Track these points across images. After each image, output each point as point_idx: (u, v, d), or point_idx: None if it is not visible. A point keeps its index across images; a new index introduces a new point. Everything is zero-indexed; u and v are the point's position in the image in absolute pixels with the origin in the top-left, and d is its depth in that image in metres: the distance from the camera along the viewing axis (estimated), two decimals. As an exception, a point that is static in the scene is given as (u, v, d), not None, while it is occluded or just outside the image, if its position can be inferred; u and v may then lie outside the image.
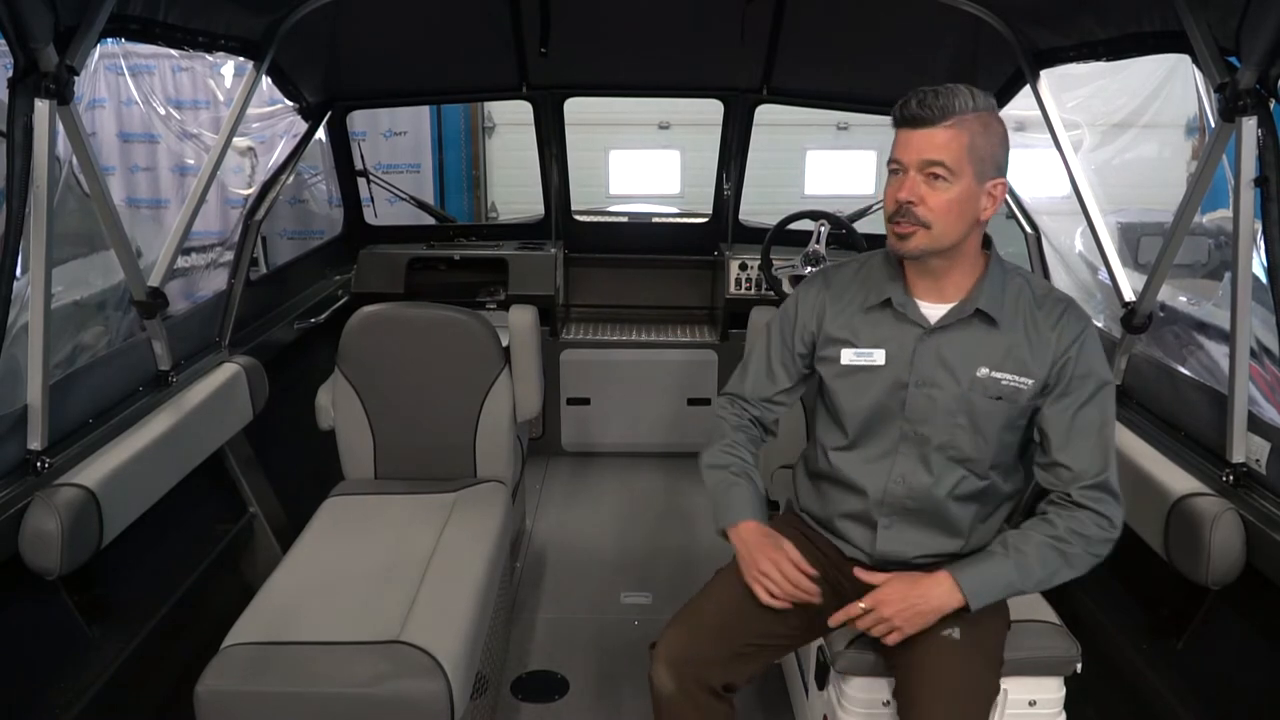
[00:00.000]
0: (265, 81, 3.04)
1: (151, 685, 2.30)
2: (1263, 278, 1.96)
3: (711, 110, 4.23)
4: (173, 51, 4.54)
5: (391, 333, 2.79)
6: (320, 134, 3.88)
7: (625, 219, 4.88)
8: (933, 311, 1.85)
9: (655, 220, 4.87)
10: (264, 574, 2.34)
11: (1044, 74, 2.75)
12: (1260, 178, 1.90)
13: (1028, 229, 3.36)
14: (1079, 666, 1.97)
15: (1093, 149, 3.41)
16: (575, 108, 4.22)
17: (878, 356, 1.87)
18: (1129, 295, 2.52)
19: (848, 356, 1.89)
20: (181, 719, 1.95)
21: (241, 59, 2.80)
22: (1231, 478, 2.08)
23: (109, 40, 2.32)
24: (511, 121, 7.41)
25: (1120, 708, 2.29)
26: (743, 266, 4.16)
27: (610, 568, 3.45)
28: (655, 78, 4.07)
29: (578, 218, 4.52)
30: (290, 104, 3.53)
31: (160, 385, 2.59)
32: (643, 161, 6.30)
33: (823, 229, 3.87)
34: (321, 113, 3.70)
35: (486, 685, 2.41)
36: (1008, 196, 3.31)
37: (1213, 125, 2.05)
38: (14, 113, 1.82)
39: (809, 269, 3.89)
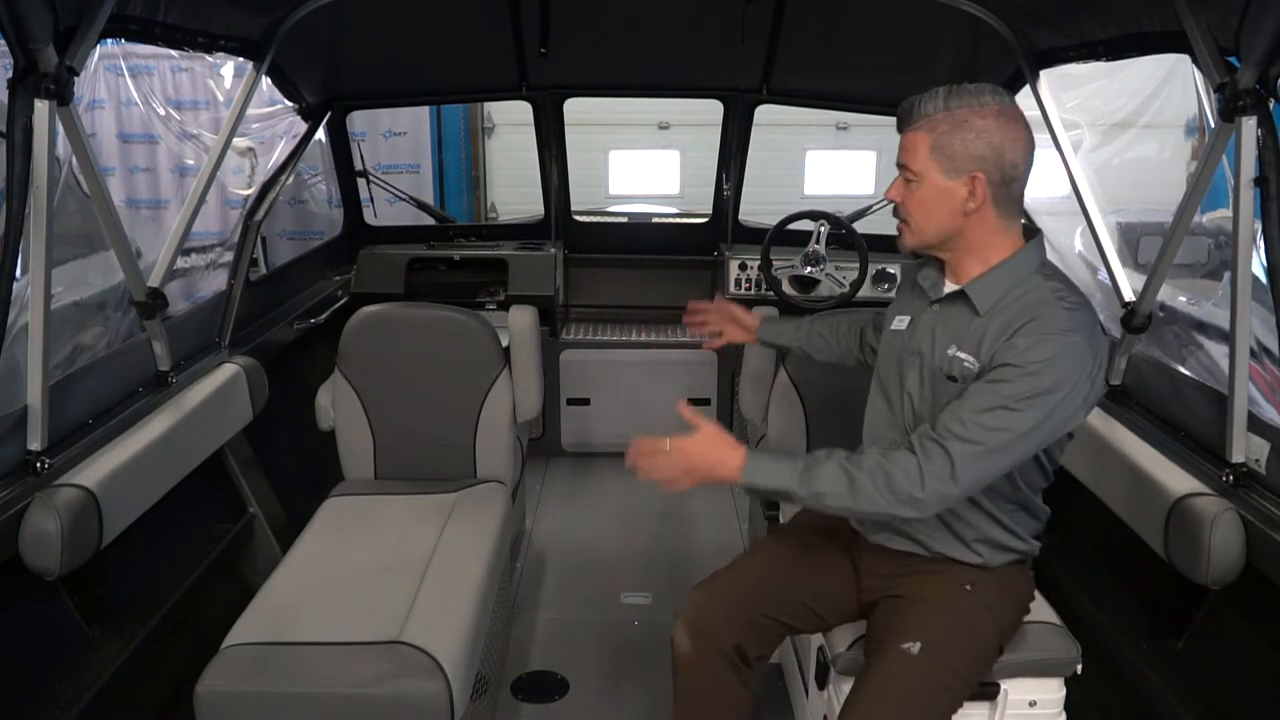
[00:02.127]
0: (265, 82, 3.03)
1: (151, 685, 2.30)
2: (1262, 278, 1.96)
3: (711, 110, 4.22)
4: (172, 52, 4.55)
5: (391, 333, 2.80)
6: (320, 134, 3.88)
7: (625, 219, 4.87)
8: (947, 291, 1.92)
9: (655, 220, 4.86)
10: (264, 574, 2.34)
11: (1044, 74, 2.75)
12: (1260, 178, 1.90)
13: (1027, 229, 3.36)
14: (1079, 667, 1.97)
15: (1093, 149, 3.42)
16: (575, 108, 4.21)
17: (903, 322, 1.99)
18: (1129, 295, 2.52)
19: (893, 323, 2.04)
20: (181, 719, 1.95)
21: (241, 59, 2.80)
22: (1231, 478, 2.08)
23: (109, 41, 2.32)
24: (511, 122, 7.41)
25: (1120, 708, 2.29)
26: (742, 267, 4.16)
27: (610, 568, 3.45)
28: (655, 78, 4.07)
29: (577, 218, 4.52)
30: (290, 104, 3.53)
31: (160, 386, 2.58)
32: (642, 161, 6.29)
33: (822, 229, 3.88)
34: (321, 113, 3.70)
35: (486, 685, 2.41)
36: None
37: (1212, 125, 2.05)
38: (14, 113, 1.82)
39: (808, 269, 3.90)
